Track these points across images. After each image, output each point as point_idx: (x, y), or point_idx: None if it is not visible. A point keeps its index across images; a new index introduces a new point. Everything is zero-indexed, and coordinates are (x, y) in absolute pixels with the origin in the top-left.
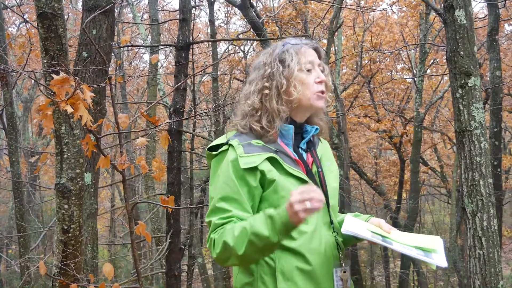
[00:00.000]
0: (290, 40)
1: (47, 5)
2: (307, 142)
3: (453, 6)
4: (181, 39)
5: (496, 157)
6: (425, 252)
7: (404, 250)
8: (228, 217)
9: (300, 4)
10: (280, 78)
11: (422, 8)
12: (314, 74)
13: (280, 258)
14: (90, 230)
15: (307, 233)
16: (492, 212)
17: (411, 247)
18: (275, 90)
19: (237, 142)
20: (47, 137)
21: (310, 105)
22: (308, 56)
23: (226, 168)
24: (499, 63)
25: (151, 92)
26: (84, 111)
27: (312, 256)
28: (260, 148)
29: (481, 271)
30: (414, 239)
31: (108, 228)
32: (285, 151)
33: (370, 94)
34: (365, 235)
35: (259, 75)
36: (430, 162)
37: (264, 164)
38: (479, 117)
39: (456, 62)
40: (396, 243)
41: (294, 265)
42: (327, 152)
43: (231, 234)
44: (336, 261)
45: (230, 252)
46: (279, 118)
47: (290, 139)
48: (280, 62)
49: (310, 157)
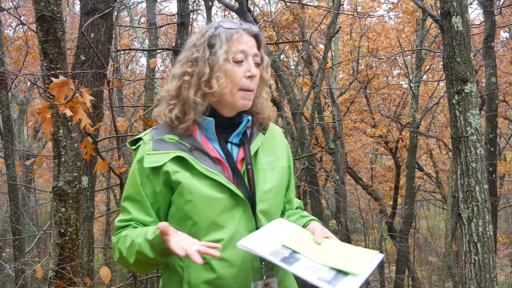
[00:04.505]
0: (224, 23)
1: (46, 8)
2: (241, 135)
3: (450, 13)
4: (179, 43)
5: (492, 163)
6: (335, 275)
7: (304, 273)
8: (127, 220)
9: (298, 9)
10: (203, 66)
11: (418, 15)
12: (245, 66)
13: (188, 267)
14: (86, 233)
15: (220, 241)
16: (487, 218)
17: (322, 267)
18: (195, 78)
19: (149, 137)
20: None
21: (233, 103)
22: (241, 44)
23: (133, 167)
24: (495, 70)
25: (148, 95)
26: (83, 114)
27: (224, 268)
28: (171, 145)
29: (476, 276)
30: (340, 256)
31: (103, 232)
32: (203, 148)
33: (367, 99)
34: (262, 252)
35: (185, 57)
36: (426, 167)
37: (170, 164)
38: (475, 123)
39: (452, 69)
40: (301, 263)
41: (202, 278)
42: (271, 145)
43: (123, 244)
44: (257, 274)
45: (125, 260)
46: (194, 111)
47: (212, 133)
48: (209, 46)
49: (242, 153)
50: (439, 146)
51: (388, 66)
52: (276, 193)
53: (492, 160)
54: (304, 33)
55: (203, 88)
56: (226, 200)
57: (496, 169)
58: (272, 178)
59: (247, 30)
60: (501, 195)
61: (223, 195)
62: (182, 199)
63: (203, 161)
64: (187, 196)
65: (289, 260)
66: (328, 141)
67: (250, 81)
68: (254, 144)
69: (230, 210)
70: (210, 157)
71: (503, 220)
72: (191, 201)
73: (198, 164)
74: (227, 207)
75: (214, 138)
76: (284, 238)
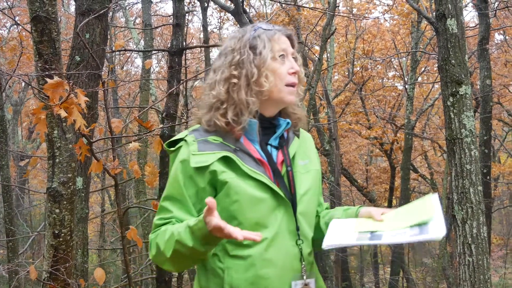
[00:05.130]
0: (261, 25)
1: (41, 8)
2: (279, 138)
3: (445, 15)
4: (175, 44)
5: (486, 165)
6: (420, 228)
7: (396, 239)
8: (167, 218)
9: (293, 11)
10: (250, 67)
11: (413, 17)
12: (288, 64)
13: (229, 269)
14: (80, 234)
15: (264, 241)
16: (481, 220)
17: (404, 230)
18: (244, 80)
19: (192, 138)
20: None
21: (280, 98)
22: (281, 43)
23: (175, 167)
24: (489, 72)
25: (143, 96)
26: (78, 115)
27: (266, 267)
28: (216, 146)
29: (470, 278)
30: (407, 215)
31: (98, 233)
32: (247, 150)
33: (362, 101)
34: (349, 242)
35: (226, 62)
36: (421, 169)
37: (217, 164)
38: (469, 125)
39: (447, 71)
40: (386, 235)
41: (244, 278)
42: (304, 149)
43: (162, 237)
44: (297, 274)
45: (162, 255)
46: (248, 111)
47: (255, 135)
48: (251, 48)
49: (281, 155)
50: (434, 147)
51: (383, 68)
52: (312, 195)
53: (486, 162)
54: (300, 35)
55: (254, 88)
56: (269, 200)
57: (491, 171)
58: (307, 181)
59: (282, 31)
60: (495, 197)
61: (266, 195)
62: (228, 199)
63: (247, 162)
64: (233, 196)
65: (374, 238)
66: (323, 143)
67: (294, 77)
68: (292, 147)
69: (272, 210)
70: (253, 158)
71: (497, 222)
72: (237, 201)
73: (243, 165)
74: (270, 208)
75: (256, 140)
76: (355, 227)
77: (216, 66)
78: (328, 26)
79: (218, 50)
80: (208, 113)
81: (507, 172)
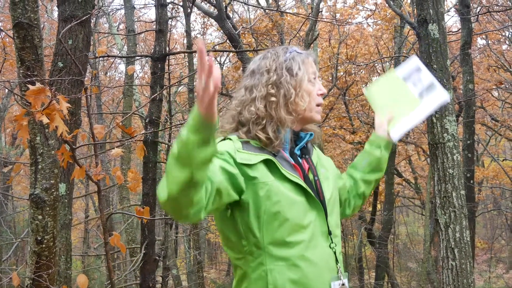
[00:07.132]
0: (295, 48)
1: (23, 15)
2: (301, 148)
3: (427, 20)
4: (158, 50)
5: (469, 169)
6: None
7: (425, 111)
8: None
9: (276, 16)
10: (288, 87)
11: (396, 22)
12: (317, 86)
13: (272, 270)
14: (64, 241)
15: (302, 242)
16: (464, 224)
17: (422, 106)
18: (282, 99)
19: (236, 137)
20: (21, 147)
21: (310, 117)
22: (312, 67)
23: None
24: (472, 77)
25: (126, 102)
26: (60, 121)
27: (308, 267)
28: (257, 149)
29: (453, 282)
30: (413, 96)
31: (81, 239)
32: (283, 155)
33: (345, 106)
34: (412, 124)
35: (263, 81)
36: (405, 173)
37: (260, 165)
38: (451, 130)
39: None
40: (415, 112)
41: (287, 278)
42: (321, 159)
43: (171, 154)
44: (334, 274)
45: (166, 174)
46: (284, 128)
47: (287, 142)
48: (287, 70)
49: (305, 163)
50: (418, 152)
51: (367, 73)
52: (335, 199)
53: (469, 166)
54: (283, 40)
55: (290, 107)
56: (304, 203)
57: (474, 175)
58: (330, 187)
59: (310, 54)
60: (479, 201)
61: (301, 198)
62: (270, 202)
63: (285, 166)
64: (274, 198)
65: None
66: None
67: (321, 98)
68: (313, 157)
69: (308, 212)
70: (289, 163)
71: (482, 226)
72: (279, 201)
73: (282, 168)
74: (305, 210)
75: (287, 147)
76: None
77: (249, 84)
78: (311, 31)
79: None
80: (245, 126)
81: (491, 176)
